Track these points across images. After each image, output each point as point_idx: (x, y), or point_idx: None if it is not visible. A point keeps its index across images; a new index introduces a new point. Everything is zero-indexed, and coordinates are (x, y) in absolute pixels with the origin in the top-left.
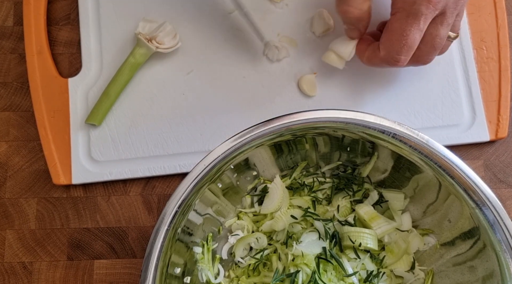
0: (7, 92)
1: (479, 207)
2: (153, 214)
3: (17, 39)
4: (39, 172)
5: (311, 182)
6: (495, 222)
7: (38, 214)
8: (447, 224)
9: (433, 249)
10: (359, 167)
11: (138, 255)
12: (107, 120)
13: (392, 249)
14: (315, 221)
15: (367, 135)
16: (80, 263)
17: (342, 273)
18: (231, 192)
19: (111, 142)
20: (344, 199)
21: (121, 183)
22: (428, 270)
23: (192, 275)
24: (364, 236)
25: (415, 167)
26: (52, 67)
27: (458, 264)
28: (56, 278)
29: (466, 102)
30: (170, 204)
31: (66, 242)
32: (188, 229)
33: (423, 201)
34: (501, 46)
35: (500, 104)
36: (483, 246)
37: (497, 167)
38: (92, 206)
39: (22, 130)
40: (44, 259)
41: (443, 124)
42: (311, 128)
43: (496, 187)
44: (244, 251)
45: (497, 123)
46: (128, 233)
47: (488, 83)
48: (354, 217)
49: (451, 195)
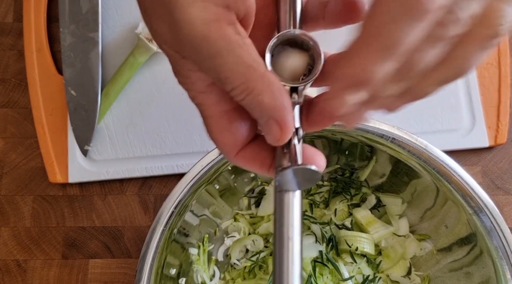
0: (5, 88)
1: (476, 213)
2: (149, 214)
3: (16, 36)
4: (36, 169)
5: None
6: (492, 229)
7: (34, 211)
8: (444, 229)
9: (429, 255)
10: (357, 170)
11: (133, 255)
12: (106, 120)
13: (388, 254)
14: (312, 224)
15: (366, 139)
16: (75, 262)
17: (338, 277)
18: (228, 194)
19: (109, 140)
20: (342, 203)
21: (117, 182)
22: (424, 275)
23: (187, 277)
24: (361, 240)
25: (413, 171)
26: (51, 65)
27: (455, 270)
28: (51, 276)
29: (466, 108)
30: (167, 204)
31: (61, 240)
32: (184, 230)
33: (420, 206)
34: (501, 52)
35: (499, 110)
36: (479, 253)
37: (495, 173)
38: (88, 205)
39: (20, 127)
40: (38, 257)
41: (442, 129)
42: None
43: (494, 193)
44: (240, 253)
45: (496, 129)
46: (124, 233)
47: (488, 89)
48: (351, 221)
49: (449, 200)
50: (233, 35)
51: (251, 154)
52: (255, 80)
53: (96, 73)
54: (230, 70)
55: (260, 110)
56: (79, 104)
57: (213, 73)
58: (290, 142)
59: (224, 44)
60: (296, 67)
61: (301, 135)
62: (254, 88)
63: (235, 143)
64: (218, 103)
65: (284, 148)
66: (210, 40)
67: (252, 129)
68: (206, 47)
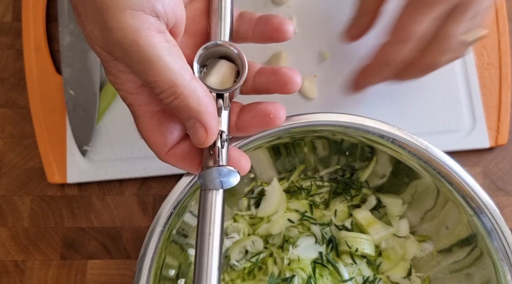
0: (4, 88)
1: (477, 214)
2: (148, 215)
3: (15, 35)
4: (34, 169)
5: (308, 186)
6: (493, 230)
7: (32, 212)
8: (445, 230)
9: (430, 256)
10: (358, 171)
11: (132, 255)
12: (104, 120)
13: (389, 255)
14: (312, 225)
15: (366, 139)
16: (73, 262)
17: (338, 278)
18: (228, 194)
19: (108, 141)
20: (342, 204)
21: (116, 183)
22: (424, 276)
23: (187, 278)
24: (361, 241)
25: (414, 172)
26: (50, 64)
27: (455, 271)
28: (49, 277)
29: (466, 108)
30: (166, 205)
31: (59, 241)
32: (184, 231)
33: (421, 207)
34: (502, 52)
35: (500, 111)
36: (480, 254)
37: (495, 174)
38: (86, 205)
39: (18, 127)
40: (37, 257)
41: (443, 130)
42: (310, 132)
43: (495, 194)
44: (239, 254)
45: (497, 130)
46: (123, 233)
47: (489, 89)
48: (351, 222)
49: (449, 201)
50: (162, 43)
51: (181, 153)
52: (182, 86)
53: (95, 73)
54: (159, 75)
55: (187, 114)
56: (78, 104)
57: (142, 76)
58: (214, 144)
59: (153, 51)
60: (225, 74)
61: (225, 139)
62: (181, 93)
63: (164, 142)
64: (148, 104)
65: (210, 149)
66: (140, 47)
67: (181, 130)
68: (135, 52)
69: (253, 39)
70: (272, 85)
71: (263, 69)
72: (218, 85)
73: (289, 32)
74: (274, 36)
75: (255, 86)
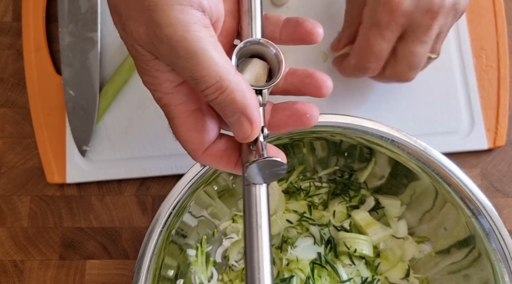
0: (4, 88)
1: (475, 215)
2: (147, 215)
3: (15, 35)
4: (33, 169)
5: (307, 186)
6: (491, 231)
7: (31, 212)
8: (443, 232)
9: (428, 257)
10: (356, 172)
11: (131, 256)
12: (104, 120)
13: (387, 256)
14: (310, 226)
15: (365, 140)
16: (72, 262)
17: (337, 279)
18: (227, 195)
19: (107, 141)
20: (340, 204)
21: (115, 183)
22: (423, 278)
23: (185, 278)
24: (359, 242)
25: (412, 173)
26: (49, 65)
27: (453, 272)
28: (48, 277)
29: (465, 110)
30: (165, 205)
31: (58, 241)
32: (182, 231)
33: (419, 208)
34: (500, 54)
35: (498, 113)
36: (478, 255)
37: (494, 176)
38: (85, 206)
39: (18, 127)
40: (35, 257)
41: (442, 131)
42: (309, 132)
43: (493, 195)
44: (238, 255)
45: (495, 131)
46: (122, 234)
47: (487, 91)
48: (350, 223)
49: (448, 202)
50: (208, 37)
51: (217, 152)
52: (228, 80)
53: (95, 73)
54: (206, 69)
55: (232, 109)
56: (77, 104)
57: (188, 72)
58: (256, 139)
59: (201, 45)
60: (258, 73)
61: (266, 134)
62: (227, 87)
63: (201, 141)
64: (184, 104)
65: (251, 145)
66: (188, 41)
67: (217, 129)
68: (183, 48)
69: (280, 40)
70: (306, 88)
71: (296, 71)
72: (252, 83)
73: (320, 36)
74: (306, 39)
75: (286, 87)
